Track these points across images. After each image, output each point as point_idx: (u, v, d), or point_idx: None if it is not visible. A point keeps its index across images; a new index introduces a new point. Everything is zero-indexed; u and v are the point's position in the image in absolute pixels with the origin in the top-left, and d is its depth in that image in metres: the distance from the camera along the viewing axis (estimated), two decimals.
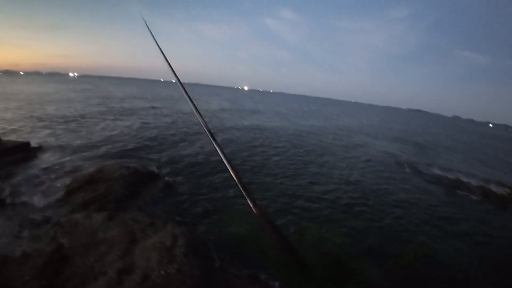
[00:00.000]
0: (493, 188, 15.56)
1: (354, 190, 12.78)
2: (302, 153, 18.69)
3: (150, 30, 2.60)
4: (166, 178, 11.32)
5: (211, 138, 1.50)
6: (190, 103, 1.78)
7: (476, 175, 19.37)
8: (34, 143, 13.57)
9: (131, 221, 7.41)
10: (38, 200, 8.35)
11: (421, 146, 31.35)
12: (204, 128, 1.58)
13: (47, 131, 16.99)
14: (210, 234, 7.85)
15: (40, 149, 13.13)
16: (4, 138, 12.31)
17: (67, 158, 12.39)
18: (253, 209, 1.21)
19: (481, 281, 7.51)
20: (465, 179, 16.79)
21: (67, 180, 9.75)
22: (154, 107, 35.36)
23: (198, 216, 8.80)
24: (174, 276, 5.24)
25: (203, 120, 1.64)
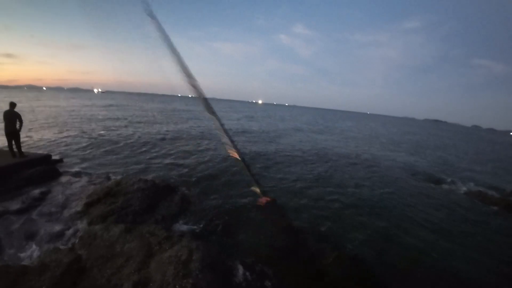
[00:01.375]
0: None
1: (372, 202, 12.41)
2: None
3: (175, 52, 2.65)
4: (183, 191, 11.36)
5: (233, 147, 1.46)
6: (211, 114, 1.76)
7: (497, 186, 18.42)
8: (55, 155, 14.05)
9: (148, 234, 7.42)
10: (57, 212, 8.52)
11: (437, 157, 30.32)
12: (226, 137, 1.55)
13: (69, 144, 17.59)
14: (227, 248, 7.72)
15: (61, 161, 13.55)
16: (26, 151, 12.78)
17: (87, 171, 12.73)
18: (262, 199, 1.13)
19: None
20: (487, 191, 16.02)
21: (86, 193, 9.96)
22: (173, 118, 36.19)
23: (215, 230, 8.70)
24: None
25: (225, 131, 1.60)
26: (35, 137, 19.15)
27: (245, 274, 6.68)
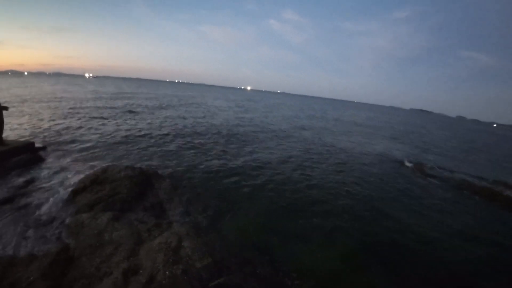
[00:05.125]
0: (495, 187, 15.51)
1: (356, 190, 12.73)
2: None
3: None
4: (172, 178, 11.30)
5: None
6: None
7: (479, 175, 19.16)
8: (38, 142, 13.64)
9: (136, 221, 7.40)
10: (43, 201, 8.35)
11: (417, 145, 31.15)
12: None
13: (52, 131, 17.10)
14: (216, 234, 7.77)
15: (44, 149, 13.18)
16: (7, 138, 12.35)
17: (72, 158, 12.46)
18: None
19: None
20: (469, 180, 16.65)
21: (72, 181, 9.78)
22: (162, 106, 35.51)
23: (205, 217, 8.73)
24: (180, 277, 5.19)
25: None
26: (16, 123, 18.50)
27: (236, 259, 6.75)
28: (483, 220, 11.48)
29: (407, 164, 19.43)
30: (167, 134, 19.56)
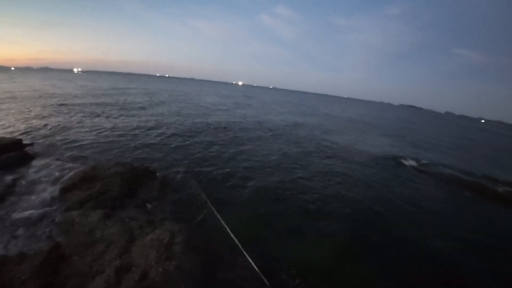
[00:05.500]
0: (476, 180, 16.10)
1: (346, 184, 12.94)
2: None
3: None
4: (163, 175, 11.22)
5: None
6: None
7: (469, 170, 19.67)
8: (26, 139, 13.37)
9: (128, 218, 7.37)
10: (32, 199, 8.20)
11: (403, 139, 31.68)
12: None
13: (40, 128, 16.72)
14: (209, 230, 7.81)
15: (32, 146, 12.92)
16: None
17: (61, 155, 12.23)
18: None
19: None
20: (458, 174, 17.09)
21: (61, 178, 9.63)
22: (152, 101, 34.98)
23: (196, 213, 8.73)
24: (173, 273, 5.21)
25: None
26: (2, 120, 18.03)
27: (230, 254, 6.81)
28: (472, 214, 11.84)
29: (399, 160, 19.78)
30: (158, 131, 19.32)
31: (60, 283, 4.75)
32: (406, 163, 18.97)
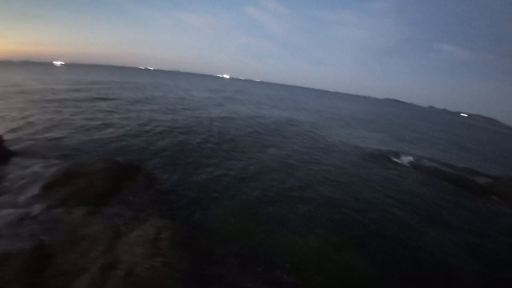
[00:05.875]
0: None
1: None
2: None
3: None
4: (148, 170, 11.10)
5: None
6: None
7: (450, 162, 20.41)
8: (7, 136, 12.85)
9: (112, 215, 7.31)
10: (13, 197, 7.95)
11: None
12: None
13: (21, 124, 16.10)
14: (195, 225, 7.85)
15: (13, 142, 12.42)
16: None
17: (43, 152, 11.84)
18: None
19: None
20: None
21: (43, 175, 9.35)
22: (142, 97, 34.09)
23: (182, 208, 8.74)
24: (160, 269, 5.25)
25: None
26: None
27: (217, 248, 6.87)
28: (452, 204, 12.45)
29: (389, 155, 20.28)
30: (145, 126, 18.85)
31: (45, 282, 4.71)
32: (396, 159, 19.50)
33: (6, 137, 12.75)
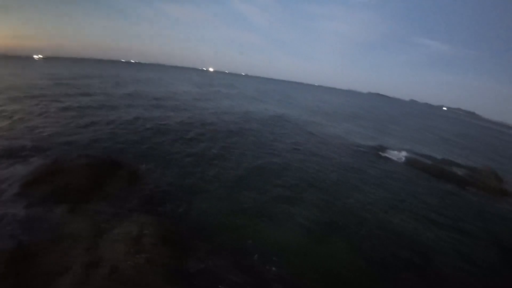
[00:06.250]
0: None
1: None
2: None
3: None
4: (130, 165, 10.92)
5: None
6: None
7: (430, 154, 21.19)
8: None
9: (94, 212, 7.24)
10: None
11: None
12: None
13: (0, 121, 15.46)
14: (179, 221, 7.87)
15: None
16: None
17: (21, 148, 11.38)
18: None
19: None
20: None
21: (21, 173, 9.05)
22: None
23: (165, 203, 8.72)
24: (144, 266, 5.32)
25: None
26: None
27: (202, 243, 6.93)
28: (433, 194, 13.10)
29: (376, 150, 20.66)
30: (128, 123, 18.23)
31: (27, 283, 4.67)
32: (384, 154, 19.92)
33: None
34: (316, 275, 6.66)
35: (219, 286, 5.69)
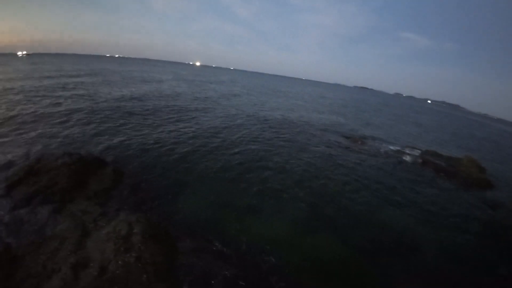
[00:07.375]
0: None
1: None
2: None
3: None
4: (115, 163, 10.78)
5: None
6: None
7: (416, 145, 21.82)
8: None
9: (80, 212, 7.16)
10: None
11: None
12: None
13: None
14: (167, 218, 7.88)
15: None
16: None
17: (2, 149, 11.00)
18: None
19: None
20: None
21: (4, 174, 8.82)
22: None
23: (153, 201, 8.68)
24: (134, 264, 5.33)
25: None
26: None
27: (191, 239, 7.00)
28: (414, 184, 13.52)
29: (351, 137, 21.26)
30: (114, 120, 17.84)
31: (15, 286, 4.62)
32: (357, 140, 20.51)
33: None
34: (306, 264, 6.86)
35: (209, 281, 5.78)
